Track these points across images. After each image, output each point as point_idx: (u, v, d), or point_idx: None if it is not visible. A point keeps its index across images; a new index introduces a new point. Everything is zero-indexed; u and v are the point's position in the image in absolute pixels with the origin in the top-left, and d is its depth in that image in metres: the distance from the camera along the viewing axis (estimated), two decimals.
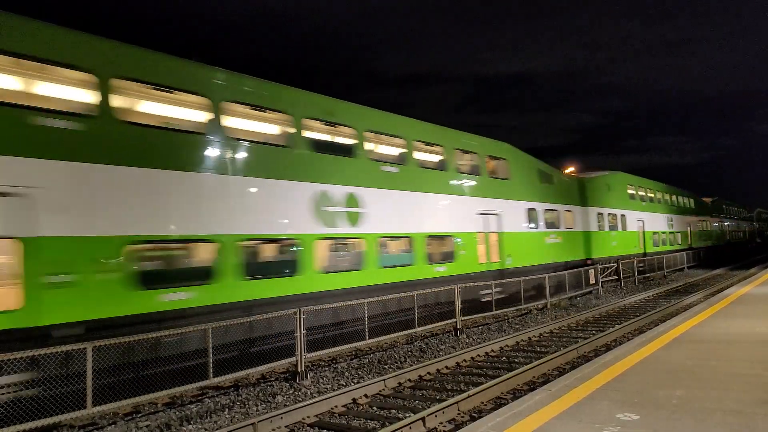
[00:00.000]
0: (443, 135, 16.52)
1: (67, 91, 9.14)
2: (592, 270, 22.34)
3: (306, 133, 12.14)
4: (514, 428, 4.95)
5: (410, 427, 6.75)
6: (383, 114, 14.53)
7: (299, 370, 9.62)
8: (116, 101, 9.15)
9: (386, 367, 10.69)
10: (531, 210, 19.93)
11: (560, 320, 15.24)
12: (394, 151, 15.20)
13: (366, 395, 8.55)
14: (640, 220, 30.03)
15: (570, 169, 22.99)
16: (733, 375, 6.36)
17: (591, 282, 22.14)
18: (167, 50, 10.17)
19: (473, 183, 17.16)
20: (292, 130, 11.75)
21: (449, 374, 10.00)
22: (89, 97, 8.94)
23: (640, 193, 31.15)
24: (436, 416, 7.13)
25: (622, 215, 27.98)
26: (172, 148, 9.78)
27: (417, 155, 15.28)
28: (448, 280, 14.92)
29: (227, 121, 10.73)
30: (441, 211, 15.56)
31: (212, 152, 10.27)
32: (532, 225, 19.95)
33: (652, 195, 33.07)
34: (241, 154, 10.74)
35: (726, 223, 52.97)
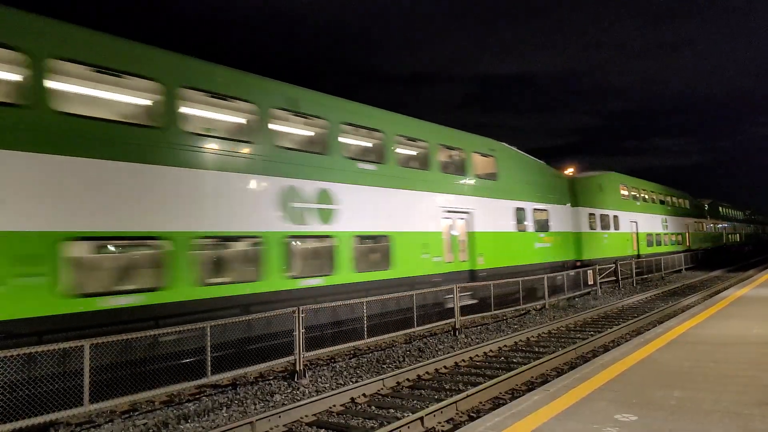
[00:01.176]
0: (669, 191, 38.29)
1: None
2: (591, 271, 22.40)
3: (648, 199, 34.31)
4: (513, 428, 4.95)
5: (408, 427, 6.76)
6: (654, 185, 35.87)
7: (297, 369, 9.63)
8: None
9: (385, 366, 10.69)
10: (689, 222, 41.96)
11: (558, 321, 15.26)
12: (668, 203, 37.47)
13: (364, 395, 8.56)
14: (722, 226, 53.82)
15: (570, 170, 28.87)
16: (731, 376, 6.37)
17: (589, 283, 22.18)
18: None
19: (679, 211, 39.27)
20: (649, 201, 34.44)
21: (448, 374, 10.00)
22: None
23: (730, 211, 58.39)
24: (434, 416, 7.13)
25: (718, 224, 52.06)
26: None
27: (667, 205, 37.26)
28: (674, 252, 34.69)
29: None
30: (672, 223, 36.88)
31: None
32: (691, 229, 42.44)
33: (732, 212, 59.40)
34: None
35: (759, 226, 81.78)
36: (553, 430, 4.86)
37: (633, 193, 31.55)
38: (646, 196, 33.68)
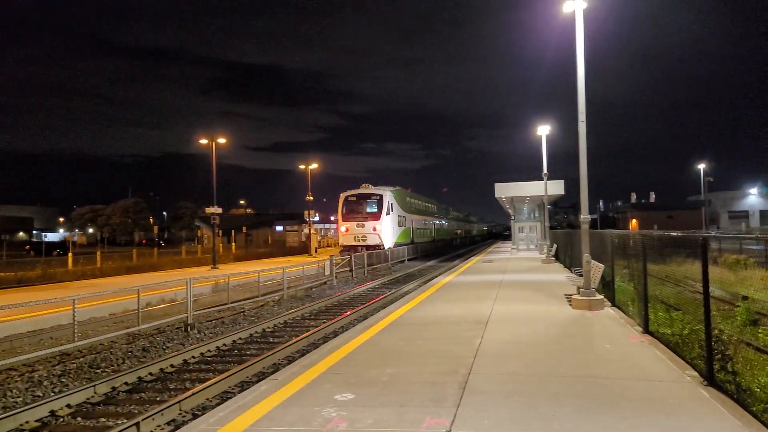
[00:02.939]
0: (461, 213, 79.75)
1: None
2: (328, 262, 23.69)
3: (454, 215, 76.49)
4: (237, 421, 4.79)
5: None
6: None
7: None
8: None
9: (99, 371, 9.42)
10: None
11: (295, 311, 15.67)
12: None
13: (69, 405, 7.36)
14: (445, 223, 68.44)
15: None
16: (432, 351, 7.33)
17: (326, 273, 23.42)
18: None
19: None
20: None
21: (174, 373, 9.31)
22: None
23: (455, 213, 77.17)
24: (153, 419, 6.51)
25: (468, 226, 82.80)
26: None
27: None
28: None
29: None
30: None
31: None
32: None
33: (455, 213, 77.13)
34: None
35: (485, 227, 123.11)
36: (275, 417, 4.85)
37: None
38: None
